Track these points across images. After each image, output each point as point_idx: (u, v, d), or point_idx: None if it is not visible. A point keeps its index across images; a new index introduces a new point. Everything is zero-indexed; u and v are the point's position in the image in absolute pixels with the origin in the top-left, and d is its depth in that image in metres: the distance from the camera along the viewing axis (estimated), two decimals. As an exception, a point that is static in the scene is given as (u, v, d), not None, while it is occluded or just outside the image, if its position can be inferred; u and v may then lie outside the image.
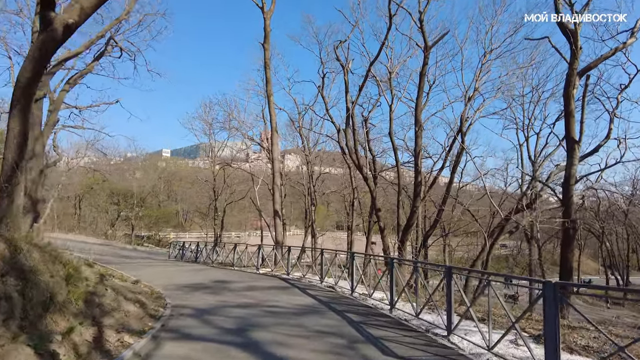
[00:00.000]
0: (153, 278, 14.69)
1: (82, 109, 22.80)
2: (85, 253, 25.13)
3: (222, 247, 19.65)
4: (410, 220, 16.86)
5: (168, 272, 16.75)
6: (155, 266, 19.39)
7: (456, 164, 20.21)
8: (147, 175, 64.05)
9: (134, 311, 7.82)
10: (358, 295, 10.94)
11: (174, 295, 11.01)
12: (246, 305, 9.69)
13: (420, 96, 16.74)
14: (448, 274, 6.98)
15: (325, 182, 42.40)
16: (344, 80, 17.23)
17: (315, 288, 12.43)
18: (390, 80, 20.73)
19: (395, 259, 9.33)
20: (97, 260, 21.46)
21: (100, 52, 13.98)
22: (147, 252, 31.69)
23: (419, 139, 16.34)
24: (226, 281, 13.94)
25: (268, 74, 18.18)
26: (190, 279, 14.42)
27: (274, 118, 18.35)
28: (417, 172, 16.45)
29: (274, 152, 18.18)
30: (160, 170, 62.54)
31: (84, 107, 22.77)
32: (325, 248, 14.28)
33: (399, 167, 20.16)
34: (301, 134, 29.42)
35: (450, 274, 6.96)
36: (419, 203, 16.76)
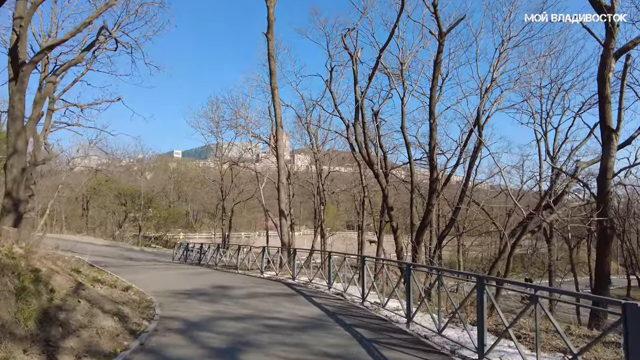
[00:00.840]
0: (150, 283, 13.64)
1: (83, 106, 21.95)
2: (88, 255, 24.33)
3: (226, 249, 18.52)
4: (425, 219, 15.52)
5: (167, 276, 15.69)
6: (157, 269, 18.37)
7: (473, 159, 18.77)
8: (157, 176, 63.65)
9: (109, 327, 6.67)
10: (369, 305, 9.67)
11: (166, 304, 9.88)
12: (244, 317, 8.51)
13: (434, 86, 15.39)
14: (480, 285, 5.69)
15: (335, 182, 41.13)
16: (353, 70, 16.00)
17: (322, 295, 11.20)
18: (402, 71, 19.38)
19: (413, 265, 8.02)
20: (97, 262, 20.56)
21: (91, 43, 13.01)
22: (153, 254, 30.80)
23: (434, 132, 15.00)
24: (226, 287, 12.79)
25: (272, 66, 17.03)
26: (189, 284, 13.30)
27: (278, 113, 17.17)
28: (433, 167, 15.10)
29: (279, 149, 17.01)
30: (170, 171, 61.96)
31: (85, 105, 21.92)
32: (334, 251, 13.03)
33: (412, 164, 18.80)
34: (309, 131, 28.24)
35: (482, 285, 5.66)
36: (435, 201, 15.41)
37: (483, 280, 5.73)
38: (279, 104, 17.28)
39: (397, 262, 9.03)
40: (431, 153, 14.92)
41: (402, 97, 19.72)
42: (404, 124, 18.79)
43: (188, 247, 22.16)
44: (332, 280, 11.92)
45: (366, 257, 9.95)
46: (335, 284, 12.17)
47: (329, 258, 11.86)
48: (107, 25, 13.41)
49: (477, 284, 5.75)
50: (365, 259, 9.93)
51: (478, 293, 5.69)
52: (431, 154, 14.93)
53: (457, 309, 6.41)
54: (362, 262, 9.91)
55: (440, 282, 6.95)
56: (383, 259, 9.42)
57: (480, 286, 5.68)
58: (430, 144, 14.92)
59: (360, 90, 15.77)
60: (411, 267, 7.90)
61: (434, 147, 14.93)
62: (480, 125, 18.68)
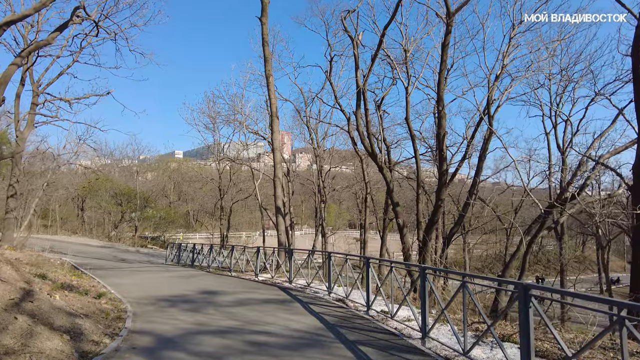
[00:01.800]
0: (133, 288, 12.28)
1: (70, 101, 20.57)
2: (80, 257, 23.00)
3: (220, 250, 17.11)
4: (434, 215, 14.07)
5: (154, 280, 14.29)
6: (145, 272, 16.99)
7: (484, 151, 17.33)
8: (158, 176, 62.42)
9: (52, 350, 5.27)
10: (375, 314, 8.23)
11: (142, 314, 8.49)
12: (228, 331, 7.12)
13: (442, 70, 13.96)
14: (523, 296, 4.27)
15: (337, 180, 39.67)
16: (354, 54, 14.56)
17: (321, 302, 9.77)
18: (406, 59, 17.97)
19: (429, 268, 6.58)
20: (83, 265, 19.19)
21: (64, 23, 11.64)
22: (149, 255, 29.44)
23: (443, 121, 13.57)
24: (215, 292, 11.39)
25: (267, 52, 15.62)
26: (175, 289, 11.91)
27: (274, 102, 15.76)
28: (442, 159, 13.66)
29: (275, 141, 15.60)
30: (170, 171, 60.68)
31: (72, 99, 20.55)
32: (335, 251, 11.62)
33: (418, 157, 17.37)
34: (308, 125, 26.78)
35: (526, 295, 4.24)
36: (445, 195, 13.97)
37: (528, 291, 4.30)
38: (275, 93, 15.86)
39: (408, 265, 7.57)
40: (440, 143, 13.48)
41: (407, 85, 18.33)
42: (409, 115, 17.38)
43: (181, 247, 20.74)
44: (333, 284, 10.50)
45: (371, 259, 8.51)
46: (336, 288, 10.76)
47: (329, 259, 10.43)
48: (85, 6, 12.00)
49: (520, 293, 4.33)
50: (369, 261, 8.50)
51: (522, 307, 4.26)
52: (440, 145, 13.49)
53: (489, 326, 4.97)
54: (367, 264, 8.48)
55: (466, 289, 5.53)
56: (391, 261, 7.97)
57: (524, 297, 4.26)
58: (439, 133, 13.48)
59: (363, 73, 14.35)
60: (426, 271, 6.46)
61: (444, 137, 13.49)
62: (490, 115, 17.25)
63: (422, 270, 6.50)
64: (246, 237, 46.85)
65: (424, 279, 6.43)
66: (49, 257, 20.70)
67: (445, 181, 13.68)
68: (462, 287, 5.57)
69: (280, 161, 15.94)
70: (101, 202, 35.34)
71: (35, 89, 19.44)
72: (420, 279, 6.52)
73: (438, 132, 13.51)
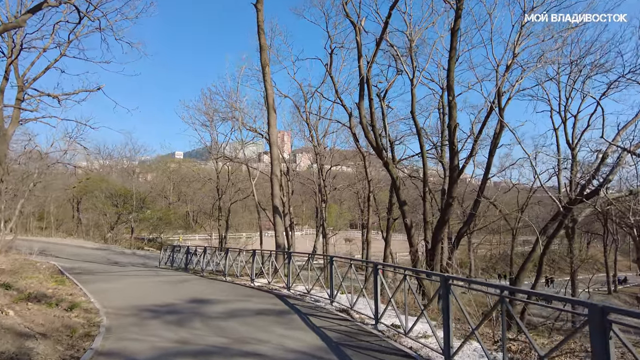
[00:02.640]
0: (116, 295, 11.11)
1: (58, 97, 19.40)
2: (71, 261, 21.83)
3: (214, 253, 15.90)
4: (444, 214, 12.86)
5: (142, 286, 13.10)
6: (135, 276, 15.80)
7: (494, 146, 16.07)
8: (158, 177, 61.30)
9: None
10: (385, 329, 7.04)
11: (117, 329, 7.32)
12: (213, 352, 5.96)
13: (452, 58, 12.76)
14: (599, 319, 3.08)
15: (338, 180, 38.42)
16: (356, 41, 13.32)
17: (323, 312, 8.57)
18: (411, 49, 16.78)
19: (454, 278, 5.37)
20: (71, 269, 18.02)
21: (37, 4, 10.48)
22: (144, 257, 28.26)
23: (454, 111, 12.39)
24: (205, 300, 10.19)
25: (262, 40, 14.46)
26: (162, 297, 10.73)
27: (270, 94, 14.56)
28: (453, 152, 12.46)
29: (272, 136, 14.41)
30: (169, 172, 59.52)
31: (60, 95, 19.36)
32: (337, 255, 10.44)
33: (424, 153, 16.16)
34: (308, 122, 25.58)
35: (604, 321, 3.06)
36: (456, 192, 12.78)
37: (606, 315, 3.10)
38: (272, 85, 14.69)
39: (428, 274, 6.33)
40: (451, 136, 12.28)
41: (412, 77, 17.14)
42: (414, 108, 16.17)
43: (174, 250, 19.54)
44: (336, 292, 9.30)
45: (379, 265, 7.32)
46: (339, 295, 9.56)
47: (331, 264, 9.22)
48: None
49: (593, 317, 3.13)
50: (378, 267, 7.30)
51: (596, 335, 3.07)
52: (451, 137, 12.29)
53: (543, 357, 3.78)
54: (375, 270, 7.28)
55: (504, 304, 4.34)
56: (405, 268, 6.75)
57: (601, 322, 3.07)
58: (450, 125, 12.28)
59: (367, 60, 13.14)
60: (450, 282, 5.26)
61: (455, 129, 12.29)
62: (501, 107, 16.03)
63: (445, 281, 5.30)
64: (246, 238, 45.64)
65: (447, 291, 5.24)
66: (37, 260, 19.60)
67: (456, 177, 12.48)
68: (501, 303, 4.37)
69: (277, 157, 14.75)
70: (96, 202, 34.15)
71: (21, 84, 18.27)
72: (443, 289, 5.33)
73: (449, 124, 12.31)
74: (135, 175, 58.97)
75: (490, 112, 16.41)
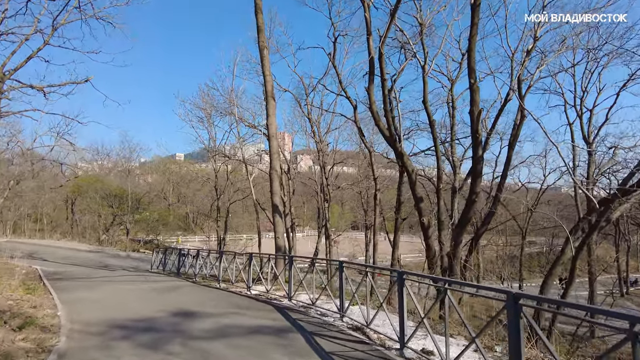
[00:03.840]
0: (90, 307, 9.48)
1: (41, 88, 17.77)
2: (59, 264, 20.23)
3: (207, 256, 14.25)
4: (466, 213, 11.22)
5: (125, 294, 11.46)
6: (121, 282, 14.14)
7: (514, 138, 14.48)
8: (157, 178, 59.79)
9: None
10: (415, 356, 5.39)
11: (72, 356, 5.69)
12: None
13: (473, 36, 11.14)
14: None
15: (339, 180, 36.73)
16: (365, 18, 11.58)
17: (332, 331, 6.92)
18: (422, 33, 15.20)
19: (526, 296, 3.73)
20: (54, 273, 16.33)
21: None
22: (139, 260, 26.58)
23: (476, 95, 10.77)
24: (192, 313, 8.55)
25: (260, 20, 12.88)
26: (143, 308, 9.09)
27: (269, 80, 12.96)
28: (477, 143, 10.79)
29: (270, 127, 12.79)
30: (169, 173, 57.93)
31: (43, 87, 17.72)
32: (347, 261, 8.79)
33: (438, 146, 14.56)
34: (310, 118, 23.93)
35: None
36: (479, 187, 11.13)
37: None
38: (269, 69, 13.07)
39: (488, 289, 4.63)
40: (474, 123, 10.64)
41: (424, 64, 15.55)
42: (427, 98, 14.56)
43: (167, 253, 17.89)
44: (347, 304, 7.64)
45: (406, 274, 5.68)
46: (351, 307, 7.89)
47: (340, 271, 7.57)
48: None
49: None
50: (404, 277, 5.65)
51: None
52: (474, 125, 10.65)
53: None
54: (400, 280, 5.64)
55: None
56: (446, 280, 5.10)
57: None
58: (473, 111, 10.65)
59: (380, 36, 11.49)
60: (522, 301, 3.62)
61: (479, 116, 10.65)
62: (521, 95, 14.43)
63: (514, 300, 3.65)
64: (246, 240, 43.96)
65: (517, 314, 3.60)
66: (17, 264, 17.97)
67: (480, 170, 10.86)
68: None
69: (277, 151, 13.12)
70: (91, 203, 32.55)
71: (0, 74, 16.69)
72: (511, 312, 3.69)
73: (471, 110, 10.69)
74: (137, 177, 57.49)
75: (505, 103, 14.77)
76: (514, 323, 3.65)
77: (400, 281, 5.66)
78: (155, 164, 63.12)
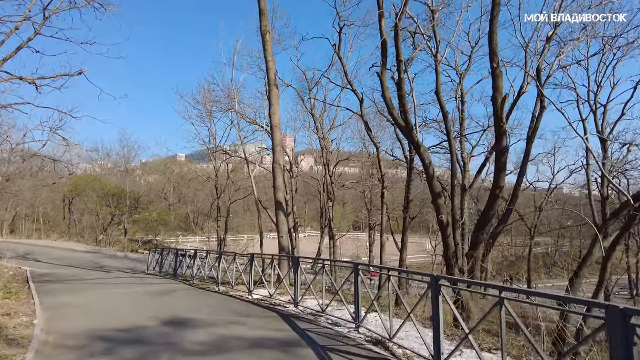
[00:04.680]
0: (73, 314, 8.45)
1: (32, 81, 16.69)
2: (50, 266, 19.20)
3: (206, 257, 13.17)
4: (489, 209, 10.10)
5: (115, 299, 10.38)
6: (114, 285, 13.07)
7: (534, 131, 13.38)
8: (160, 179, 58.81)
9: None
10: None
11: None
12: None
13: (495, 17, 10.03)
14: None
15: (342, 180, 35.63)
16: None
17: (348, 344, 5.85)
18: (434, 20, 14.16)
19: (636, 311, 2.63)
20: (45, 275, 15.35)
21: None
22: (136, 261, 25.47)
23: (499, 81, 9.70)
24: (186, 322, 7.48)
25: (262, 3, 11.82)
26: (132, 316, 8.02)
27: (271, 66, 11.91)
28: (502, 133, 9.65)
29: (273, 116, 11.73)
30: (169, 173, 56.92)
31: (34, 79, 16.65)
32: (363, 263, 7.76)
33: (452, 139, 13.47)
34: (313, 113, 22.85)
35: None
36: (504, 181, 10.04)
37: None
38: (272, 55, 12.01)
39: (574, 301, 3.56)
40: (498, 111, 9.53)
41: (436, 53, 14.54)
42: (440, 89, 13.50)
43: (164, 254, 16.81)
44: (364, 313, 6.57)
45: (442, 279, 4.61)
46: (368, 316, 6.80)
47: (356, 275, 6.49)
48: None
49: None
50: (440, 283, 4.58)
51: None
52: (498, 113, 9.53)
53: None
54: (435, 288, 4.57)
55: None
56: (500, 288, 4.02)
57: None
58: (496, 98, 9.56)
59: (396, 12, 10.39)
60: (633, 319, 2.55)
61: (503, 103, 9.55)
62: (541, 84, 13.35)
63: (622, 316, 2.59)
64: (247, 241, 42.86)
65: (628, 337, 2.54)
66: (6, 265, 16.93)
67: (505, 162, 9.78)
68: None
69: (280, 143, 12.05)
70: (88, 203, 31.48)
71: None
72: (615, 332, 2.62)
73: (494, 97, 9.61)
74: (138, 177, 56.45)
75: (519, 96, 13.63)
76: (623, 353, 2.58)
77: (435, 288, 4.60)
78: (156, 165, 62.19)
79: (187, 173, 55.72)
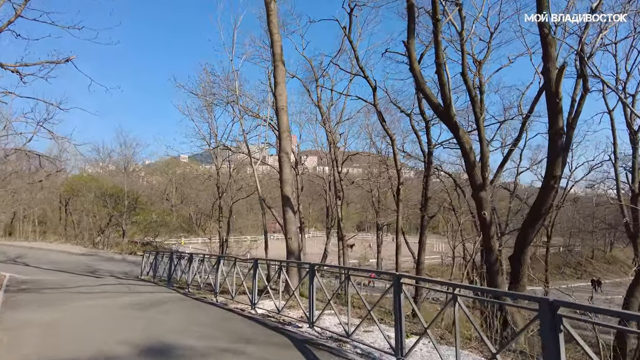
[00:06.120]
0: (32, 334, 6.62)
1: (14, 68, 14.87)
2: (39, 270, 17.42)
3: (202, 261, 11.32)
4: (541, 203, 8.18)
5: (92, 314, 8.53)
6: (97, 294, 11.21)
7: (576, 115, 11.51)
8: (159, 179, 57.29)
9: None
10: None
11: None
12: None
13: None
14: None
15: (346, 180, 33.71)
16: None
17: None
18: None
19: None
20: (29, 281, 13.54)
21: None
22: (133, 264, 23.60)
23: (552, 49, 7.86)
24: (169, 350, 5.60)
25: (266, -32, 10.11)
26: (103, 339, 6.16)
27: (276, 40, 10.07)
28: (556, 110, 7.72)
29: (280, 97, 9.89)
30: (171, 173, 55.23)
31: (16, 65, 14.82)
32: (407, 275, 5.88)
33: (481, 126, 11.63)
34: (320, 106, 21.01)
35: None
36: (560, 169, 8.12)
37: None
38: (277, 26, 10.14)
39: None
40: (553, 86, 7.64)
41: (461, 29, 12.71)
42: (465, 70, 11.66)
43: (158, 257, 14.95)
44: (411, 344, 4.68)
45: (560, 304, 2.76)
46: (420, 343, 4.91)
47: (398, 289, 4.63)
48: None
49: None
50: (557, 309, 2.72)
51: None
52: (554, 88, 7.63)
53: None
54: (554, 319, 2.69)
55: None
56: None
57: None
58: (549, 69, 7.67)
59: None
60: None
61: (561, 73, 7.68)
62: (584, 61, 11.48)
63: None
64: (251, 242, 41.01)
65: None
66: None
67: (561, 146, 7.88)
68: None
69: (287, 128, 10.20)
70: (85, 203, 29.72)
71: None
72: None
73: (546, 69, 7.64)
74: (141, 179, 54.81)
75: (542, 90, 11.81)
76: None
77: (553, 320, 2.72)
78: (159, 166, 60.64)
79: (188, 173, 53.97)
